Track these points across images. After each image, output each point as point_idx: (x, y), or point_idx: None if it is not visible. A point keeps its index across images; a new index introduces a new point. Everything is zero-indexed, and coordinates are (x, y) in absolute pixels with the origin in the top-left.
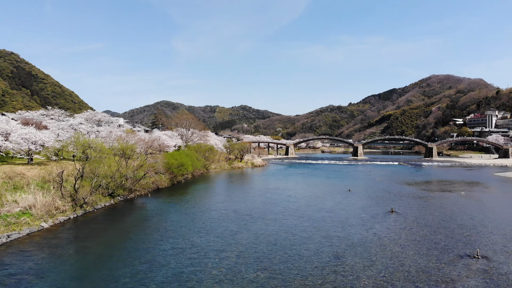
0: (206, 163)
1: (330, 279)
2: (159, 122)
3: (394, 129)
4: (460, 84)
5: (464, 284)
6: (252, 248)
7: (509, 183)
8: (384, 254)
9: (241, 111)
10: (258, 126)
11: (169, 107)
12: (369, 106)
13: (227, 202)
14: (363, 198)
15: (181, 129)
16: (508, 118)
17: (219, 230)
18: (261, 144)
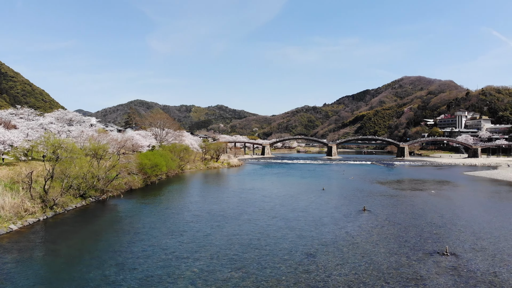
0: (181, 163)
1: (303, 278)
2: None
3: (367, 129)
4: (431, 86)
5: (433, 281)
6: (226, 248)
7: (478, 182)
8: (356, 252)
9: (217, 111)
10: (235, 126)
11: (143, 106)
12: (343, 106)
13: (201, 203)
14: (336, 197)
15: (155, 129)
16: (477, 119)
17: (193, 231)
18: (237, 144)
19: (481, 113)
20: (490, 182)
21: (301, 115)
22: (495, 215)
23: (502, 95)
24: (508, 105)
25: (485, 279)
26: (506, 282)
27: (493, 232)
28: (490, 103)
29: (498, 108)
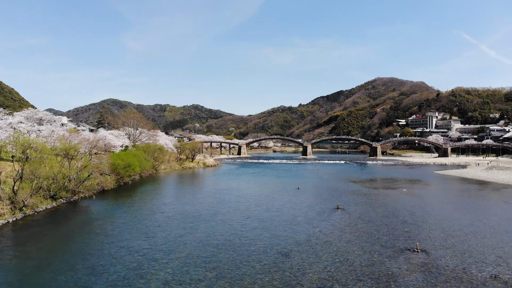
0: (155, 164)
1: (278, 276)
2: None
3: (341, 129)
4: (403, 87)
5: (405, 277)
6: (200, 249)
7: (448, 181)
8: (330, 250)
9: (193, 111)
10: (211, 125)
11: (116, 106)
12: (318, 107)
13: (175, 204)
14: (311, 196)
15: (129, 129)
16: (447, 119)
17: (166, 233)
18: (213, 144)
19: (451, 113)
20: (460, 181)
21: (277, 115)
22: (464, 212)
23: (471, 96)
24: (477, 106)
25: (454, 275)
26: (474, 277)
27: (463, 229)
28: (460, 104)
29: (467, 109)
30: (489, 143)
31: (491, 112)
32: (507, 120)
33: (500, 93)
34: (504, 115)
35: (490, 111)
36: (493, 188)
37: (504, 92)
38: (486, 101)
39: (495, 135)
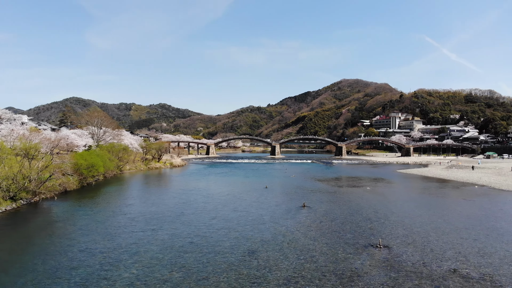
0: (119, 164)
1: (244, 274)
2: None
3: (308, 130)
4: (368, 88)
5: (368, 272)
6: (165, 250)
7: (410, 179)
8: (296, 247)
9: (159, 110)
10: (178, 125)
11: (80, 104)
12: (286, 107)
13: (140, 205)
14: (278, 195)
15: (92, 128)
16: (410, 120)
17: (130, 234)
18: (181, 144)
19: (413, 114)
20: (421, 179)
21: (246, 115)
22: (426, 210)
23: (433, 97)
24: (438, 107)
25: (415, 269)
26: (434, 272)
27: (424, 226)
28: (422, 105)
29: (429, 110)
30: (450, 143)
31: (451, 113)
32: (467, 121)
33: (460, 94)
34: (464, 116)
35: (450, 112)
36: (453, 186)
37: (464, 94)
38: (447, 102)
39: (455, 135)
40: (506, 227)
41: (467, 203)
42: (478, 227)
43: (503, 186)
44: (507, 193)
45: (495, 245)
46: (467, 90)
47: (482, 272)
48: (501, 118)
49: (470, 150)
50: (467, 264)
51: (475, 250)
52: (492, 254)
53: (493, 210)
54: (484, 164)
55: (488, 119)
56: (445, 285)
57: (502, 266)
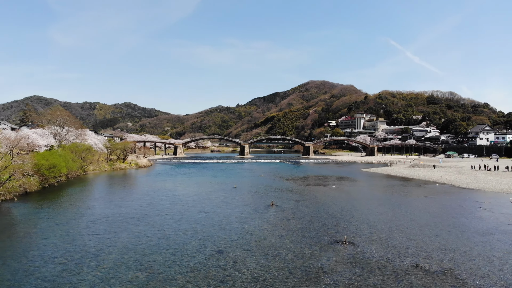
0: (83, 164)
1: (212, 273)
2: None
3: (277, 130)
4: (334, 90)
5: (333, 268)
6: (130, 251)
7: (374, 178)
8: (263, 245)
9: (125, 109)
10: (145, 125)
11: (42, 103)
12: (255, 107)
13: (104, 206)
14: (247, 194)
15: (55, 127)
16: (374, 121)
17: (94, 235)
18: (147, 144)
19: (377, 115)
20: (385, 178)
21: (215, 115)
22: (389, 207)
23: (396, 99)
24: (401, 108)
25: (379, 264)
26: (397, 266)
27: (387, 223)
28: (386, 106)
29: (392, 111)
30: (412, 143)
31: (414, 114)
32: (429, 121)
33: (423, 96)
34: (426, 117)
35: (413, 113)
36: (416, 184)
37: (426, 95)
38: (410, 103)
39: (417, 136)
40: (466, 224)
41: (429, 200)
42: (440, 223)
43: (463, 184)
44: (466, 191)
45: (456, 241)
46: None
47: (443, 266)
48: (461, 119)
49: (432, 149)
50: (429, 259)
51: (437, 246)
52: (453, 249)
53: (454, 207)
54: (445, 163)
55: (449, 120)
56: (408, 280)
57: (462, 261)
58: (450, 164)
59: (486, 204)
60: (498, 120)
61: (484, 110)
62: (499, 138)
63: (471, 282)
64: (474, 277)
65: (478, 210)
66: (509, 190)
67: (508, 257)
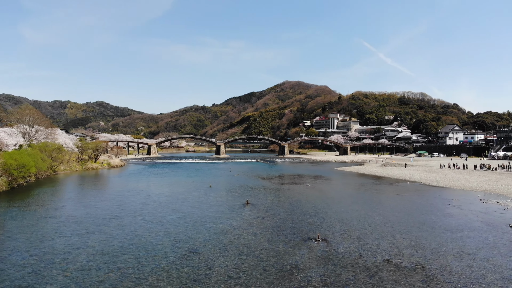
0: (53, 164)
1: (185, 272)
2: None
3: (253, 130)
4: (309, 90)
5: (307, 264)
6: (101, 252)
7: (347, 176)
8: (238, 243)
9: (97, 108)
10: (117, 124)
11: (10, 102)
12: (231, 107)
13: (74, 207)
14: (222, 193)
15: (24, 126)
16: (348, 121)
17: (63, 237)
18: (120, 144)
19: (351, 115)
20: (358, 176)
21: (190, 115)
22: (362, 204)
23: (369, 99)
24: (374, 109)
25: (351, 260)
26: (369, 262)
27: (360, 220)
28: (359, 106)
29: (365, 111)
30: (384, 142)
31: (386, 114)
32: (400, 121)
33: (395, 97)
34: (398, 117)
35: (385, 113)
36: (387, 183)
37: (398, 96)
38: (382, 104)
39: (389, 135)
40: (436, 220)
41: (400, 198)
42: (410, 220)
43: (433, 182)
44: (436, 189)
45: (426, 237)
46: (401, 93)
47: (414, 262)
48: (432, 119)
49: (403, 149)
50: (400, 255)
51: (407, 242)
52: (423, 245)
53: (424, 204)
54: (416, 162)
55: (420, 120)
56: (379, 275)
57: (432, 257)
58: (421, 163)
59: (455, 201)
60: (467, 121)
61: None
62: (468, 138)
63: (441, 276)
64: (443, 272)
65: (447, 207)
66: (477, 187)
67: (477, 253)
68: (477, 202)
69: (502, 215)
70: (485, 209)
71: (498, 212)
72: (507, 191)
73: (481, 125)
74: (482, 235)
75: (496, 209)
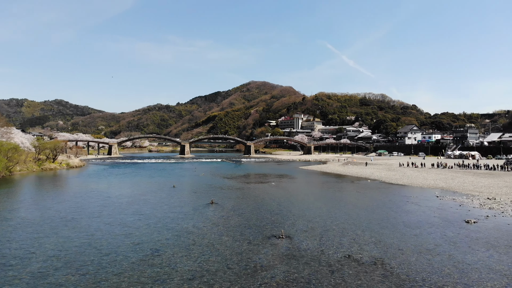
0: (9, 165)
1: (147, 273)
2: None
3: (219, 129)
4: (274, 90)
5: (270, 261)
6: (55, 256)
7: (311, 175)
8: (202, 242)
9: (56, 106)
10: (77, 123)
11: None
12: (196, 106)
13: (28, 209)
14: (186, 193)
15: None
16: (311, 121)
17: (17, 241)
18: (80, 143)
19: (314, 116)
20: (321, 175)
21: (153, 114)
22: (324, 202)
23: (331, 100)
24: (336, 109)
25: (313, 256)
26: (331, 257)
27: (322, 217)
28: (322, 107)
29: (328, 111)
30: (346, 142)
31: (348, 115)
32: (361, 122)
33: (356, 98)
34: (359, 117)
35: (347, 114)
36: (349, 181)
37: (359, 97)
38: (344, 105)
39: (351, 135)
40: (395, 217)
41: (361, 195)
42: (371, 217)
43: (392, 180)
44: (396, 186)
45: (386, 233)
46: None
47: (374, 257)
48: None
49: (364, 148)
50: (360, 250)
51: (368, 238)
52: (383, 241)
53: (384, 201)
54: (376, 161)
55: (380, 121)
56: (341, 270)
57: (392, 252)
58: (381, 161)
59: (413, 198)
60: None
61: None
62: (425, 138)
63: (400, 270)
64: (402, 266)
65: (406, 204)
66: (434, 185)
67: (434, 248)
68: (434, 199)
69: (458, 211)
70: (442, 206)
71: (454, 208)
72: (463, 188)
73: (438, 125)
74: (439, 230)
75: (452, 205)
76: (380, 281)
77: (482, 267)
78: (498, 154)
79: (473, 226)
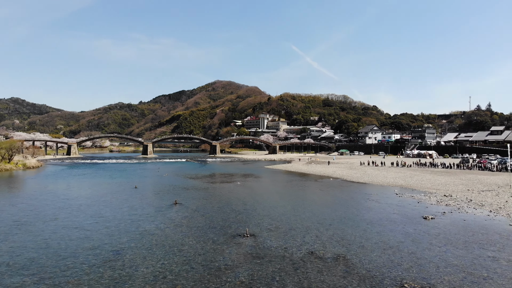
0: None
1: (108, 274)
2: None
3: (183, 129)
4: (240, 90)
5: (235, 259)
6: (10, 262)
7: (276, 174)
8: (165, 243)
9: (11, 105)
10: (34, 122)
11: None
12: (160, 105)
13: None
14: (149, 194)
15: None
16: (277, 121)
17: None
18: (37, 143)
19: (279, 116)
20: (285, 174)
21: (114, 112)
22: (288, 200)
23: (296, 101)
24: (301, 110)
25: (277, 253)
26: (294, 254)
27: (286, 215)
28: (287, 107)
29: (292, 112)
30: (310, 141)
31: (311, 115)
32: (324, 122)
33: (319, 99)
34: (322, 118)
35: (311, 114)
36: (312, 179)
37: (322, 98)
38: (308, 105)
39: (314, 135)
40: (357, 214)
41: (324, 193)
42: (334, 214)
43: (354, 178)
44: (357, 184)
45: (347, 229)
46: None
47: (336, 253)
48: (353, 120)
49: (327, 148)
50: (323, 247)
51: (330, 234)
52: (345, 237)
53: (346, 199)
54: (338, 160)
55: (342, 121)
56: (304, 267)
57: (353, 247)
58: (343, 160)
59: (374, 196)
60: (385, 121)
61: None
62: (385, 137)
63: (361, 265)
64: (363, 261)
65: (367, 202)
66: (394, 183)
67: (393, 243)
68: (394, 197)
69: (416, 208)
70: (401, 203)
71: (413, 205)
72: (421, 186)
73: (398, 125)
74: (399, 226)
75: (411, 202)
76: (342, 276)
77: (440, 261)
78: (454, 153)
79: (431, 222)
